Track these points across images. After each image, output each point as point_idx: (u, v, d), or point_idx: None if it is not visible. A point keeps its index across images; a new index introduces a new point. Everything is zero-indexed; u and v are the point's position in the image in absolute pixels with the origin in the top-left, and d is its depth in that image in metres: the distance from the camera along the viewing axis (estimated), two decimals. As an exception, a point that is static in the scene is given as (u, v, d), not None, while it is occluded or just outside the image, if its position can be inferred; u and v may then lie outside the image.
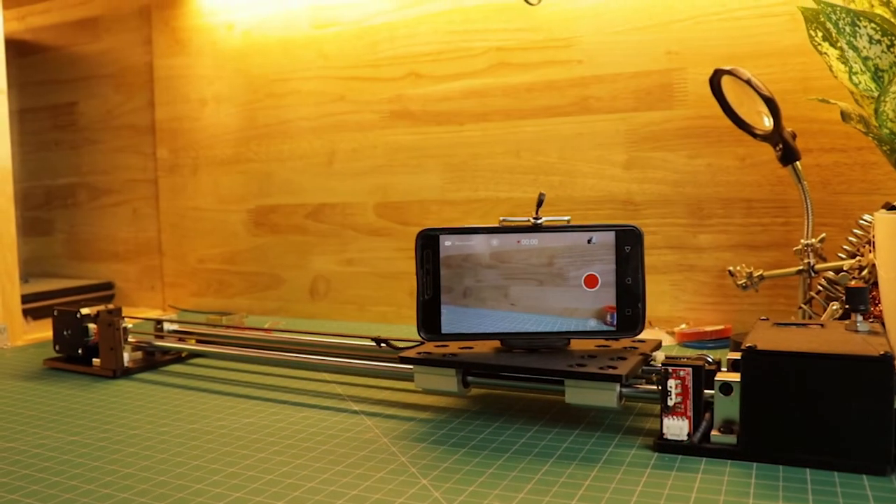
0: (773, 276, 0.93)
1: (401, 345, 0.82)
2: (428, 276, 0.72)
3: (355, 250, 1.31)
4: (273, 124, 1.37)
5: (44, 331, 1.20)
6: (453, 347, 0.74)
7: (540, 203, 0.72)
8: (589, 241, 0.70)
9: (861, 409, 0.54)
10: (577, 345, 0.73)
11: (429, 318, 0.72)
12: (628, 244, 0.70)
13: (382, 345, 0.83)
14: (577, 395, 0.65)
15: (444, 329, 0.72)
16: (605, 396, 0.63)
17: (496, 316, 0.71)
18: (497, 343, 0.74)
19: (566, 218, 0.71)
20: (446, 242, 0.72)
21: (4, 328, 1.14)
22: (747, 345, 0.59)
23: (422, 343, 0.76)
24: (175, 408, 0.78)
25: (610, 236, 0.70)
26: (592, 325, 0.70)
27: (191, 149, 1.46)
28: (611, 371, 0.63)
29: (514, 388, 0.74)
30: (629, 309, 0.70)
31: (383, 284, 1.29)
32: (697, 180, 1.05)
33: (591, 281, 0.70)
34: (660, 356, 0.72)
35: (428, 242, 0.72)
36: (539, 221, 0.71)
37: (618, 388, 0.63)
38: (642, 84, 1.08)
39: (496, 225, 0.71)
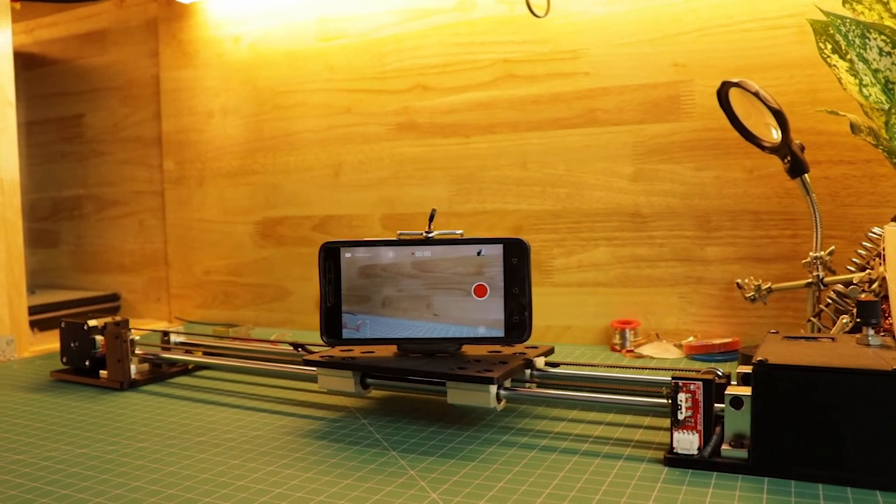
0: (781, 288, 0.93)
1: (315, 349, 0.87)
2: (330, 286, 0.76)
3: (361, 262, 1.31)
4: (279, 136, 1.37)
5: (51, 342, 1.20)
6: (357, 352, 0.78)
7: (431, 218, 0.78)
8: (478, 254, 0.75)
9: (873, 423, 0.54)
10: (470, 350, 0.78)
11: (331, 324, 0.76)
12: (515, 256, 0.74)
13: (299, 349, 0.90)
14: (458, 395, 0.69)
15: (345, 334, 0.76)
16: (482, 397, 0.68)
17: (393, 323, 0.76)
18: (395, 347, 0.79)
19: (459, 232, 0.76)
20: (347, 254, 0.76)
21: (12, 340, 1.14)
22: (758, 358, 0.58)
23: (332, 347, 0.80)
24: (183, 420, 0.78)
25: (498, 249, 0.74)
26: (482, 331, 0.75)
27: (197, 161, 1.46)
28: (486, 374, 0.67)
29: (410, 391, 0.80)
30: (517, 317, 0.74)
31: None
32: (705, 192, 1.05)
33: (480, 290, 0.74)
34: (540, 361, 0.77)
35: (330, 254, 0.77)
36: (431, 235, 0.76)
37: (493, 389, 0.67)
38: (649, 96, 1.08)
39: (393, 238, 0.76)
